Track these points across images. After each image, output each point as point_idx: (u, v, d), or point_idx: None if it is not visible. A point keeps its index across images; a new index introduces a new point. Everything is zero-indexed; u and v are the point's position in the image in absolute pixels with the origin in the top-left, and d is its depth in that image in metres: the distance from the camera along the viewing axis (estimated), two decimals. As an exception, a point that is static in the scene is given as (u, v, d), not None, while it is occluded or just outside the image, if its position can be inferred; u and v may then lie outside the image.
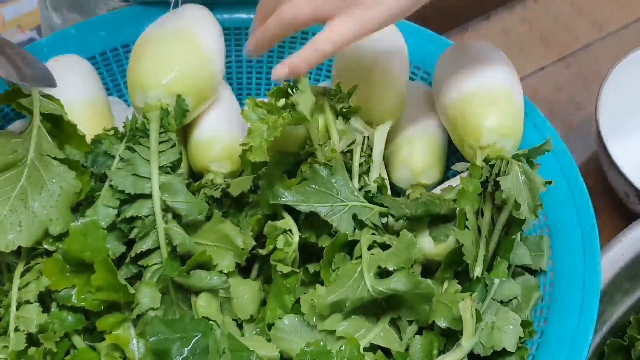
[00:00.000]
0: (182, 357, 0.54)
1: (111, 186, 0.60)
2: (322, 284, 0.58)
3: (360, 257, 0.57)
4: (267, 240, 0.62)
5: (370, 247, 0.58)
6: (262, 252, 0.61)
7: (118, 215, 0.61)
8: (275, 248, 0.61)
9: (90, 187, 0.62)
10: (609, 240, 0.69)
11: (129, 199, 0.61)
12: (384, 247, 0.59)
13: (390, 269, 0.55)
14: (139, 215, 0.60)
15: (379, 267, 0.56)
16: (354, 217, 0.60)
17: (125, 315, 0.59)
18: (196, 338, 0.55)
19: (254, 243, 0.61)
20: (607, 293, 0.68)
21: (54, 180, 0.61)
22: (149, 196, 0.60)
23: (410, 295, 0.54)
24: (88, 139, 0.64)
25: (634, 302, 0.73)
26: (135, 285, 0.60)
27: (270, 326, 0.59)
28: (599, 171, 0.85)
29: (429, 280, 0.54)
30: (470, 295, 0.56)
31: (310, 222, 0.61)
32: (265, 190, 0.61)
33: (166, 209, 0.61)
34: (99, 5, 0.78)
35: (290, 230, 0.61)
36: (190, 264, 0.59)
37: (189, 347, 0.55)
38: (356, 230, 0.60)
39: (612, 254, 0.68)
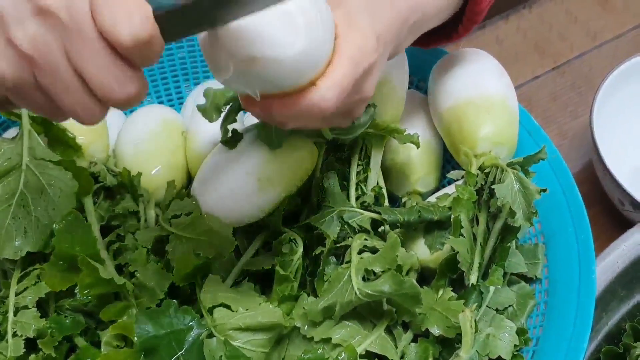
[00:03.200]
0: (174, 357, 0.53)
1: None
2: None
3: (350, 261, 0.56)
4: (273, 246, 0.61)
5: (361, 252, 0.58)
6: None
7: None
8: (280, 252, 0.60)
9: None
10: (604, 248, 0.68)
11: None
12: (375, 251, 0.58)
13: (377, 270, 0.55)
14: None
15: (367, 270, 0.55)
16: (342, 220, 0.59)
17: (128, 302, 0.58)
18: (189, 339, 0.54)
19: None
20: (602, 300, 0.67)
21: (52, 183, 0.60)
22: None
23: (397, 296, 0.53)
24: (78, 139, 0.63)
25: (629, 309, 0.71)
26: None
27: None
28: (594, 179, 0.84)
29: (413, 280, 0.53)
30: (464, 303, 0.55)
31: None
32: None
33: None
34: None
35: (295, 240, 0.60)
36: None
37: (181, 346, 0.54)
38: (349, 237, 0.59)
39: (607, 262, 0.67)
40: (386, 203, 0.65)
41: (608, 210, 0.83)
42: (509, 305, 0.58)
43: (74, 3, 0.37)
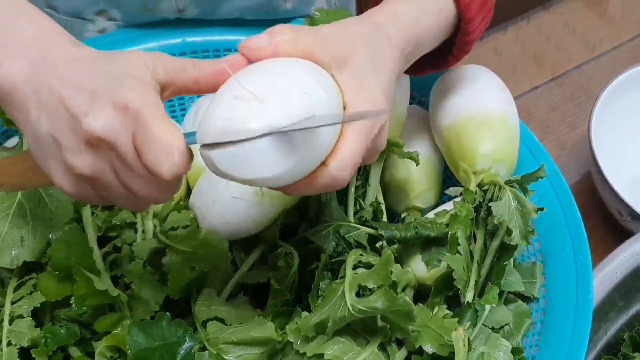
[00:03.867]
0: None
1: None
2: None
3: (345, 276, 0.55)
4: (269, 260, 0.59)
5: (355, 267, 0.56)
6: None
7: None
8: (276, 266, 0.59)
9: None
10: (603, 258, 0.66)
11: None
12: (370, 267, 0.56)
13: (370, 287, 0.53)
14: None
15: (360, 285, 0.53)
16: (338, 235, 0.58)
17: (122, 314, 0.58)
18: (181, 352, 0.53)
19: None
20: (601, 311, 0.65)
21: (50, 193, 0.60)
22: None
23: (389, 313, 0.52)
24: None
25: (628, 320, 0.70)
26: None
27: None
28: (593, 189, 0.83)
29: (405, 297, 0.52)
30: (459, 321, 0.53)
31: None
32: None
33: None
34: (86, 27, 0.76)
35: (291, 254, 0.59)
36: None
37: (173, 359, 0.53)
38: (346, 252, 0.58)
39: (605, 272, 0.66)
40: (384, 218, 0.64)
41: (607, 221, 0.82)
42: (506, 324, 0.57)
43: (118, 139, 0.42)
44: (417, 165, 0.61)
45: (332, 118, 0.42)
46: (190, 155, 0.44)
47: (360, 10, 0.54)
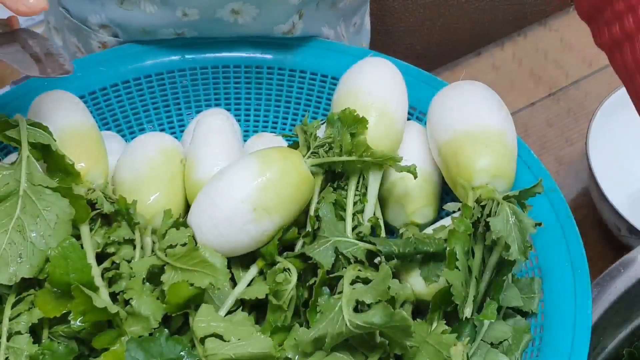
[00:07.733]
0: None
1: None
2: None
3: (342, 292, 0.54)
4: (267, 276, 0.59)
5: (353, 283, 0.56)
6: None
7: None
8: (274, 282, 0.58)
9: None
10: (601, 273, 0.66)
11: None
12: (368, 282, 0.56)
13: (368, 302, 0.53)
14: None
15: (358, 301, 0.53)
16: (336, 251, 0.58)
17: (121, 330, 0.57)
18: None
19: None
20: (600, 326, 0.65)
21: (49, 209, 0.59)
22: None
23: (387, 328, 0.51)
24: (77, 166, 0.62)
25: (627, 335, 0.70)
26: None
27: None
28: (590, 205, 0.83)
29: (403, 312, 0.52)
30: (457, 337, 0.53)
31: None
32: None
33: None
34: (90, 36, 0.77)
35: (289, 269, 0.59)
36: None
37: None
38: (344, 268, 0.57)
39: (604, 287, 0.65)
40: (383, 234, 0.64)
41: (605, 236, 0.82)
42: (504, 340, 0.56)
43: None
44: (415, 179, 0.61)
45: None
46: None
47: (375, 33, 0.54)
